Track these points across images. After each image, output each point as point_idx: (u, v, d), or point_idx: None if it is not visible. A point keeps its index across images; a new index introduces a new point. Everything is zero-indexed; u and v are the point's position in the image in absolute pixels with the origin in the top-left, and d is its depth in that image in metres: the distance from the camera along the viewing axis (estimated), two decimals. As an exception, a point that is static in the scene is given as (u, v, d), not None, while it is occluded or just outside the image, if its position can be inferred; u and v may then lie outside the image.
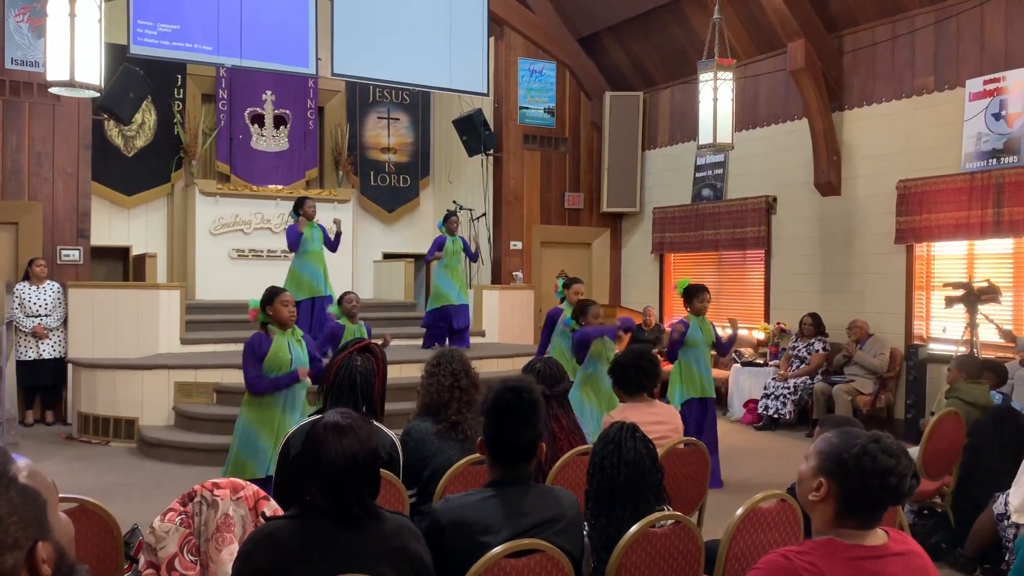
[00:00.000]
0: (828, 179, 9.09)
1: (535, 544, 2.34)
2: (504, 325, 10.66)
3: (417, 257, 11.77)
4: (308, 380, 5.09)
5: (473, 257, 9.70)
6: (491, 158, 11.66)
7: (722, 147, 7.71)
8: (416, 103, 13.05)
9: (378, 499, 2.21)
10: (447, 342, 9.06)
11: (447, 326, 9.22)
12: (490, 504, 2.42)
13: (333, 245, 8.63)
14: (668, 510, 2.76)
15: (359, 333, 6.85)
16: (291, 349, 5.04)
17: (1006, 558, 4.20)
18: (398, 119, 12.98)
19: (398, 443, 3.38)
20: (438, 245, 9.17)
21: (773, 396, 8.94)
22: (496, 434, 2.49)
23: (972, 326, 7.47)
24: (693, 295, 6.59)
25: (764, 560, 1.91)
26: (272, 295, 5.06)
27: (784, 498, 2.97)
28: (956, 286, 7.64)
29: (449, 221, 9.28)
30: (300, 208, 8.33)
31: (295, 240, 8.27)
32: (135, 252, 11.14)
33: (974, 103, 7.86)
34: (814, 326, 9.04)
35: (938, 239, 8.24)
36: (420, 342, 9.48)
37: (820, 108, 8.96)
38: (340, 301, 6.99)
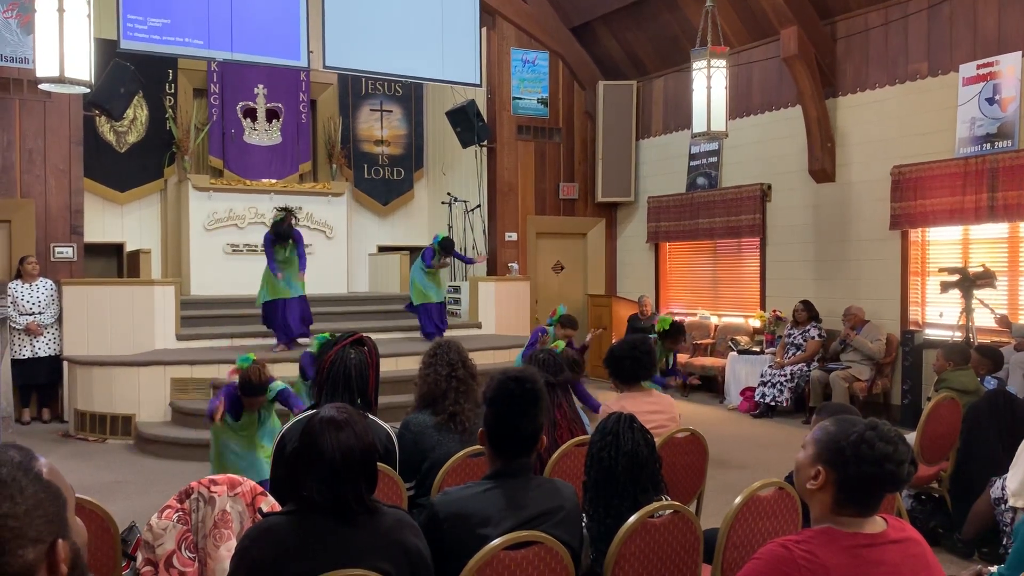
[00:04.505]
0: (822, 166, 9.08)
1: (534, 536, 2.33)
2: (500, 317, 10.65)
3: (413, 250, 11.75)
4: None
5: (467, 260, 10.32)
6: (485, 149, 11.62)
7: (716, 135, 7.70)
8: (409, 95, 13.00)
9: (376, 493, 2.21)
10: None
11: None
12: (489, 496, 2.41)
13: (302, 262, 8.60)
14: (666, 500, 2.76)
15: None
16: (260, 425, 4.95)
17: (1004, 542, 4.21)
18: (391, 111, 12.93)
19: (394, 436, 3.37)
20: (425, 256, 9.39)
21: (770, 384, 8.95)
22: (497, 424, 2.48)
23: (968, 311, 7.48)
24: (667, 336, 6.56)
25: (763, 550, 1.91)
26: (251, 391, 4.74)
27: (782, 486, 2.97)
28: (951, 271, 7.65)
29: (443, 261, 9.49)
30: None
31: (270, 255, 8.36)
32: (129, 248, 11.11)
33: (968, 88, 7.85)
34: (807, 313, 9.05)
35: (933, 224, 8.24)
36: (415, 335, 9.48)
37: (813, 95, 8.94)
38: None
